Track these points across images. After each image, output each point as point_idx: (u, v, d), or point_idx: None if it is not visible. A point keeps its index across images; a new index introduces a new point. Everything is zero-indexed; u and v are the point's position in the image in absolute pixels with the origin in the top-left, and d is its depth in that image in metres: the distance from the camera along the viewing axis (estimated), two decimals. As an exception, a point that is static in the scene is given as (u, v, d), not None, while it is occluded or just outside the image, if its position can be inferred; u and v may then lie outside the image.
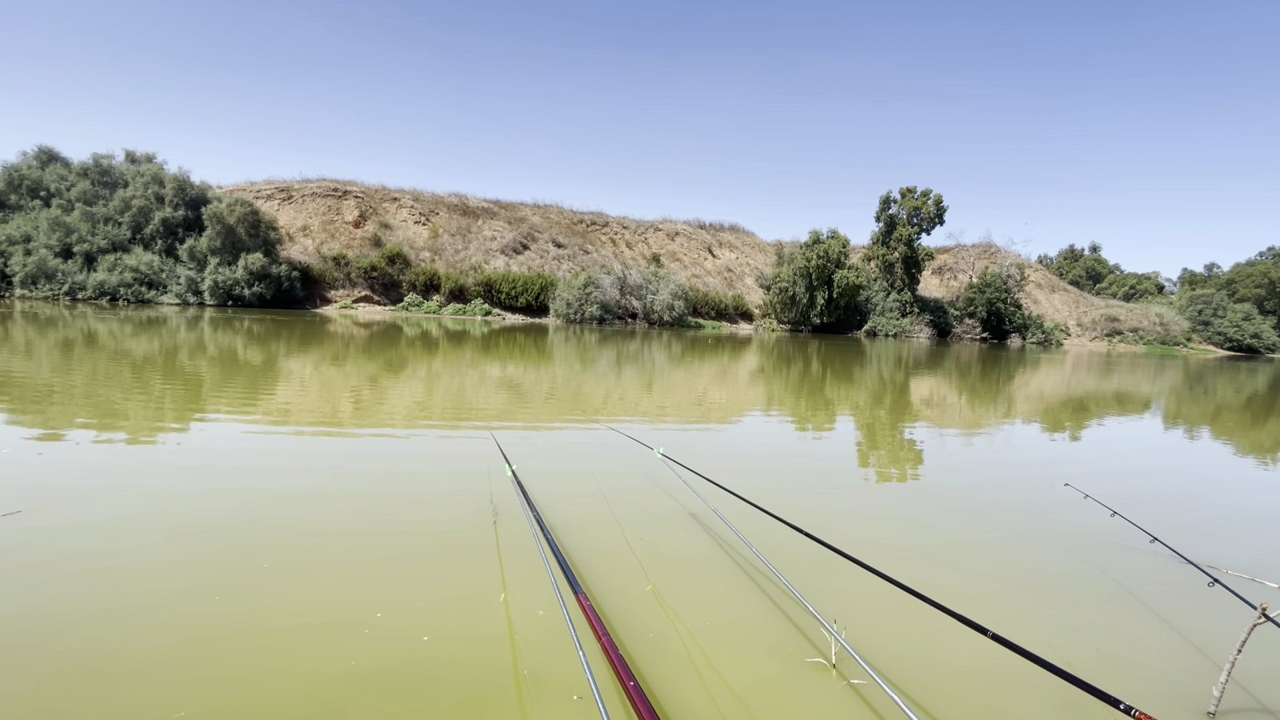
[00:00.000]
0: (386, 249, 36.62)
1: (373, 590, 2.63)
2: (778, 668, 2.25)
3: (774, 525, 3.22)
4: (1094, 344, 50.27)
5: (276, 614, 2.40)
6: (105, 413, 5.82)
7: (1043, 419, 9.61)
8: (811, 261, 39.99)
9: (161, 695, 1.91)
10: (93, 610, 2.36)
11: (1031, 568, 3.39)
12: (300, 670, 2.07)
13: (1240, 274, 62.61)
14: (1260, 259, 67.92)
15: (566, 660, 2.17)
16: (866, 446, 6.70)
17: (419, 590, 2.66)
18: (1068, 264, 76.61)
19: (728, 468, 4.94)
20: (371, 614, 2.43)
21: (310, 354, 12.28)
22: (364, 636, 2.27)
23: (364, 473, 4.39)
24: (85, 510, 3.37)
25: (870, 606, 2.75)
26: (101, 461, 4.30)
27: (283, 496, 3.78)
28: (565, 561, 2.66)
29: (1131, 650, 2.57)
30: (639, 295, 37.84)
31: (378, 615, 2.42)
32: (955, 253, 54.01)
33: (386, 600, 2.55)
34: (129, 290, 29.39)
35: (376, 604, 2.51)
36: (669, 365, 14.57)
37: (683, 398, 9.44)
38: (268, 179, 40.89)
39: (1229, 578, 3.17)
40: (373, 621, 2.37)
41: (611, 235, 47.73)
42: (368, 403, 7.31)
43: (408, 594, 2.62)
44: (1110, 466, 6.35)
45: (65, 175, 32.52)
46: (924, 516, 4.18)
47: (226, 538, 3.09)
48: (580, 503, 3.96)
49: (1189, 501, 5.13)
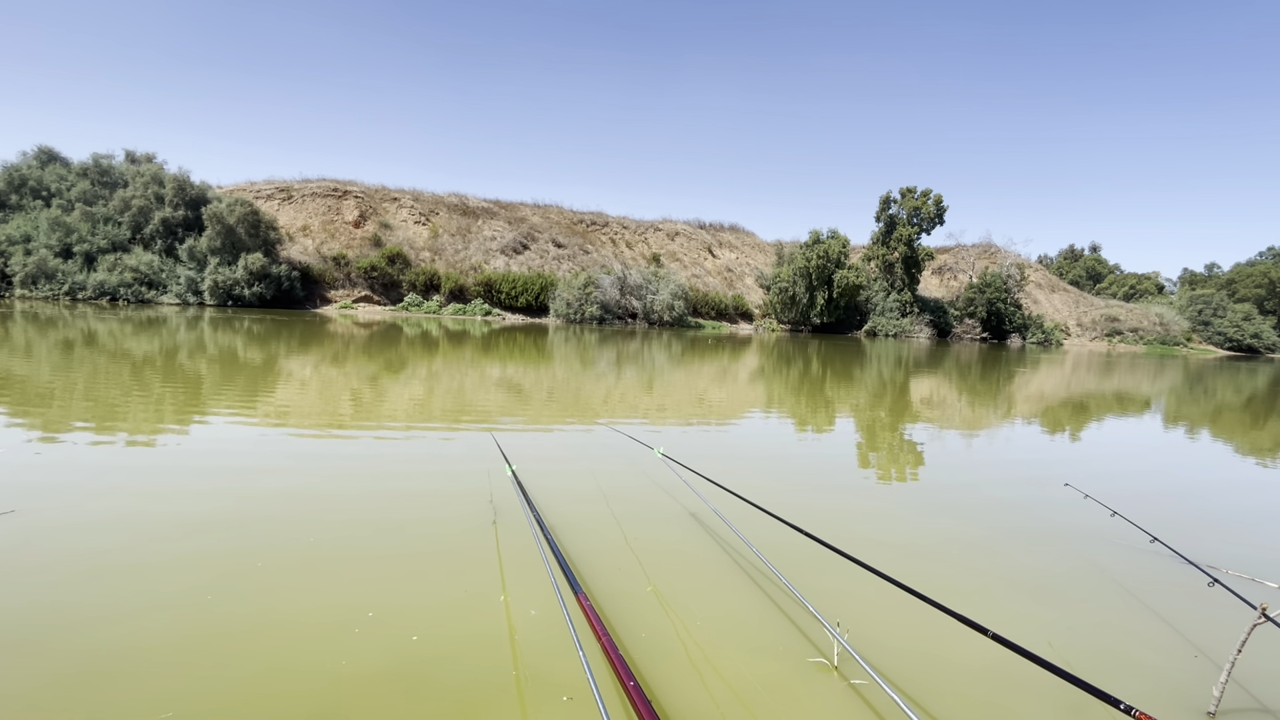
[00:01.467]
0: (386, 249, 36.62)
1: (372, 590, 2.63)
2: (778, 668, 2.25)
3: (774, 525, 3.22)
4: (1094, 344, 50.26)
5: (276, 614, 2.40)
6: (104, 413, 5.82)
7: (1043, 419, 9.61)
8: (811, 261, 40.00)
9: (161, 695, 1.91)
10: (91, 610, 2.36)
11: (1032, 568, 3.39)
12: (301, 670, 2.07)
13: (1240, 274, 62.59)
14: (1260, 259, 67.92)
15: (566, 660, 2.17)
16: (867, 446, 6.70)
17: (419, 590, 2.66)
18: (1068, 264, 76.58)
19: (728, 467, 4.94)
20: (371, 614, 2.43)
21: (310, 354, 12.27)
22: (364, 636, 2.27)
23: (364, 473, 4.39)
24: (82, 510, 3.37)
25: (871, 606, 2.75)
26: (99, 461, 4.30)
27: (282, 496, 3.78)
28: (565, 561, 2.66)
29: (1131, 650, 2.57)
30: (639, 295, 37.84)
31: (375, 615, 2.42)
32: (955, 253, 54.01)
33: (386, 600, 2.55)
34: (129, 290, 29.40)
35: (376, 604, 2.51)
36: (669, 365, 14.57)
37: (683, 397, 9.44)
38: (268, 179, 40.90)
39: (1229, 578, 3.17)
40: (372, 621, 2.37)
41: (611, 235, 47.72)
42: (367, 403, 7.30)
43: (408, 594, 2.62)
44: (1110, 466, 6.35)
45: (65, 175, 32.53)
46: (924, 516, 4.18)
47: (225, 538, 3.08)
48: (580, 502, 3.96)
49: (1189, 501, 5.13)
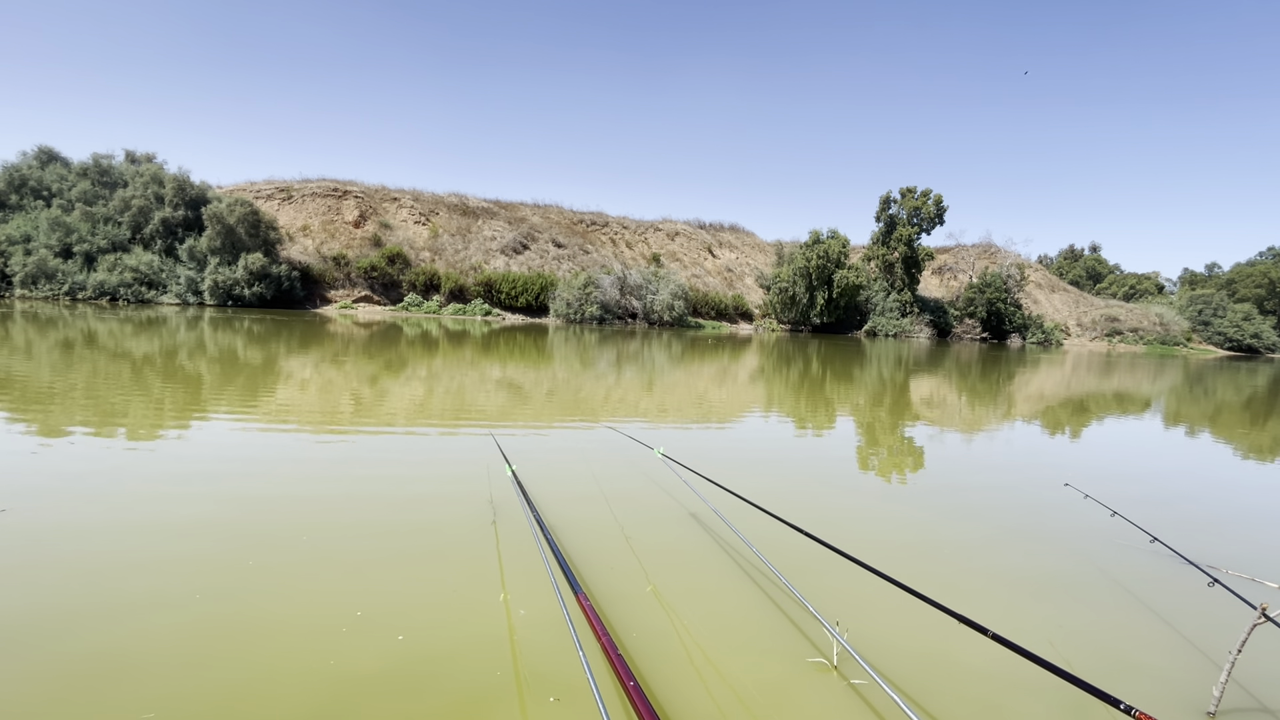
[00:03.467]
0: (386, 249, 36.62)
1: (372, 590, 2.63)
2: (778, 668, 2.25)
3: (774, 525, 3.22)
4: (1094, 344, 50.26)
5: (276, 615, 2.40)
6: (101, 413, 5.82)
7: (1043, 419, 9.61)
8: (811, 261, 40.00)
9: (159, 696, 1.91)
10: (86, 611, 2.36)
11: (1032, 568, 3.39)
12: (301, 670, 2.07)
13: (1240, 274, 62.60)
14: (1260, 259, 67.91)
15: (566, 660, 2.17)
16: (867, 446, 6.70)
17: (418, 590, 2.66)
18: (1068, 264, 76.58)
19: (728, 468, 4.94)
20: (371, 614, 2.42)
21: (310, 354, 12.27)
22: (362, 636, 2.27)
23: (363, 473, 4.39)
24: (77, 511, 3.37)
25: (871, 606, 2.75)
26: (97, 461, 4.30)
27: (281, 497, 3.78)
28: (565, 561, 2.66)
29: (1131, 650, 2.57)
30: (639, 295, 37.84)
31: (374, 616, 2.42)
32: (955, 253, 54.02)
33: (385, 600, 2.55)
34: (129, 290, 29.39)
35: (375, 604, 2.51)
36: (669, 365, 14.57)
37: (683, 398, 9.44)
38: (268, 179, 40.89)
39: (1229, 578, 3.17)
40: (371, 622, 2.37)
41: (611, 235, 47.72)
42: (367, 403, 7.30)
43: (407, 594, 2.62)
44: (1110, 466, 6.35)
45: (65, 175, 32.52)
46: (924, 516, 4.18)
47: (224, 538, 3.08)
48: (580, 503, 3.96)
49: (1189, 501, 5.13)
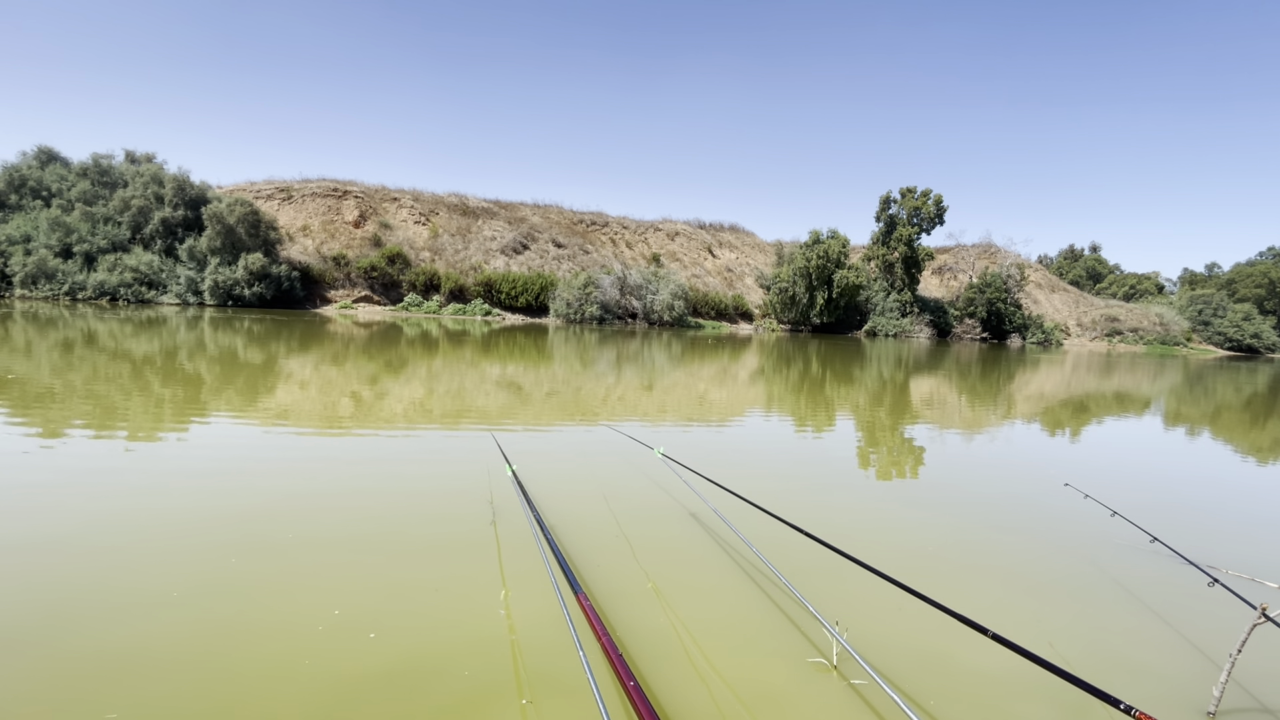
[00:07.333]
0: (386, 249, 36.60)
1: (371, 590, 2.63)
2: (778, 668, 2.25)
3: (774, 525, 3.22)
4: (1094, 344, 50.26)
5: (276, 615, 2.40)
6: (102, 412, 5.82)
7: (1043, 419, 9.61)
8: (811, 261, 39.99)
9: (157, 697, 1.91)
10: (86, 611, 2.36)
11: (1032, 568, 3.39)
12: (301, 670, 2.07)
13: (1240, 274, 62.61)
14: (1260, 259, 67.93)
15: (566, 660, 2.17)
16: (866, 446, 6.70)
17: (418, 590, 2.65)
18: (1068, 264, 76.57)
19: (728, 467, 4.94)
20: (370, 614, 2.42)
21: (310, 354, 12.27)
22: (362, 636, 2.27)
23: (364, 473, 4.39)
24: (76, 510, 3.37)
25: (870, 606, 2.75)
26: (96, 460, 4.30)
27: (281, 497, 3.78)
28: (565, 561, 2.66)
29: (1131, 650, 2.57)
30: (639, 295, 37.83)
31: (374, 615, 2.42)
32: (955, 253, 54.01)
33: (385, 600, 2.55)
34: (129, 290, 29.38)
35: (375, 604, 2.51)
36: (669, 365, 14.57)
37: (683, 397, 9.44)
38: (268, 179, 40.87)
39: (1229, 578, 3.17)
40: (371, 622, 2.37)
41: (611, 235, 47.71)
42: (367, 403, 7.30)
43: (407, 594, 2.62)
44: (1110, 466, 6.35)
45: (65, 175, 32.50)
46: (924, 516, 4.18)
47: (224, 538, 3.08)
48: (580, 502, 3.96)
49: (1189, 501, 5.13)
